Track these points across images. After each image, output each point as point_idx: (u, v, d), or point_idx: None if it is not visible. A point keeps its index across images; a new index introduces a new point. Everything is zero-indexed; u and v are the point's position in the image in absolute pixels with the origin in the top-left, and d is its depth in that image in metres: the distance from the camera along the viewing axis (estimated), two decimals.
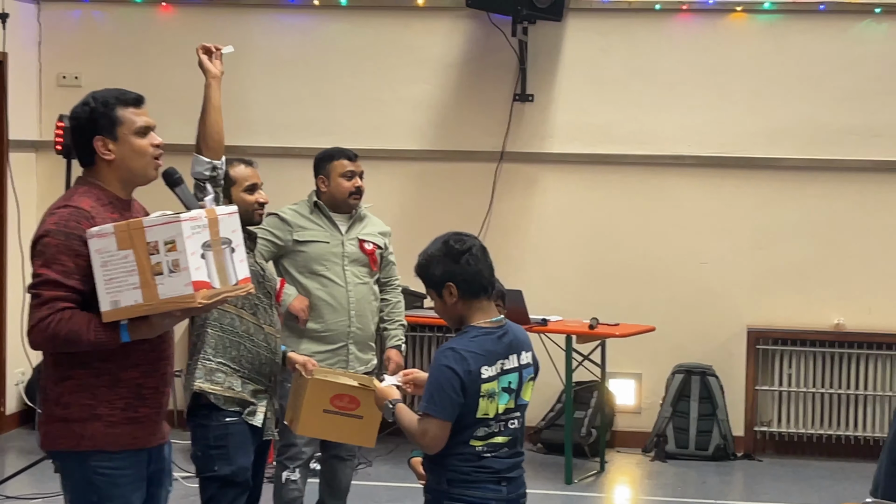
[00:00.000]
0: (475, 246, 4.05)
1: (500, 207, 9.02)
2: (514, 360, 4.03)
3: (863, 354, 8.76)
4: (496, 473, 4.00)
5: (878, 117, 8.70)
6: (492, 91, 9.02)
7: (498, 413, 3.97)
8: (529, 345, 4.13)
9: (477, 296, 4.01)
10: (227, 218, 3.92)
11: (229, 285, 3.87)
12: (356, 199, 6.11)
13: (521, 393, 4.05)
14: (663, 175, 8.95)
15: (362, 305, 6.08)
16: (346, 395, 4.77)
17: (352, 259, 6.05)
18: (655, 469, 8.53)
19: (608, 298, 8.70)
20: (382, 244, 6.22)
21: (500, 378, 3.97)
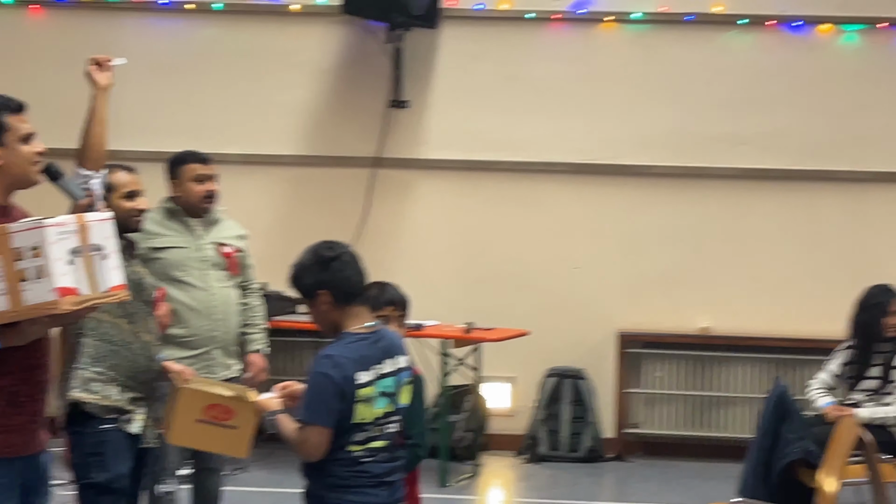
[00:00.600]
0: (345, 253, 4.10)
1: (376, 213, 9.06)
2: (389, 364, 4.08)
3: (729, 357, 8.98)
4: (375, 478, 4.04)
5: (744, 126, 8.93)
6: (367, 97, 9.06)
7: (376, 418, 4.02)
8: (404, 349, 4.18)
9: (349, 302, 4.06)
10: (99, 224, 3.88)
11: (99, 292, 3.84)
12: (209, 203, 5.98)
13: (398, 397, 4.10)
14: (536, 181, 9.07)
15: (226, 309, 6.02)
16: (220, 406, 4.74)
17: (212, 263, 5.97)
18: (529, 471, 8.64)
19: (482, 303, 8.79)
20: (241, 247, 6.16)
21: (376, 383, 4.01)
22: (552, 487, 8.24)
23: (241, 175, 8.89)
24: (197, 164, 6.01)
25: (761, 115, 8.92)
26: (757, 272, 8.97)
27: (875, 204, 8.91)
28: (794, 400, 6.49)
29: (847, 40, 8.89)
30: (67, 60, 8.59)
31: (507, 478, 8.59)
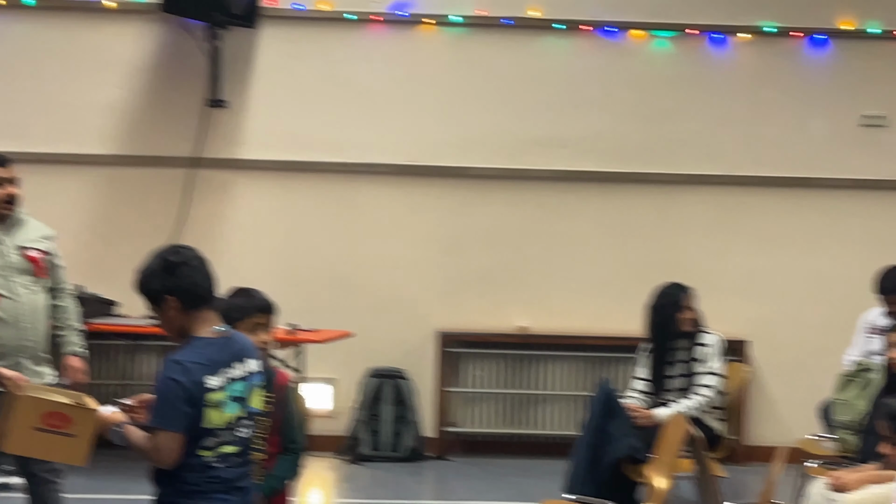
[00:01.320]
0: (193, 257, 4.05)
1: (194, 214, 8.94)
2: (240, 368, 4.04)
3: (546, 356, 9.14)
4: (226, 483, 4.00)
5: (561, 129, 9.10)
6: (184, 96, 8.94)
7: (227, 423, 3.98)
8: (255, 352, 4.15)
9: (197, 306, 4.00)
10: None
11: None
12: (8, 208, 5.71)
13: (249, 401, 4.06)
14: (357, 183, 9.09)
15: (34, 317, 5.82)
16: (58, 413, 4.61)
17: (17, 269, 5.78)
18: (350, 472, 8.65)
19: (304, 304, 8.72)
20: (48, 249, 5.98)
21: (227, 387, 3.98)
22: (374, 487, 8.26)
23: (54, 175, 8.69)
24: None
25: (577, 119, 9.11)
26: (573, 272, 9.17)
27: (685, 205, 9.19)
28: (619, 398, 6.66)
29: (658, 46, 9.15)
30: None
31: (328, 478, 8.57)
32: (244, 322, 4.71)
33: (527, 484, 8.33)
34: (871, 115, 9.11)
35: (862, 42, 9.12)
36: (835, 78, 9.14)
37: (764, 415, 9.18)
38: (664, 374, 7.33)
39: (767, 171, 9.13)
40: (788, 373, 9.16)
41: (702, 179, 9.16)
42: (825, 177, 9.12)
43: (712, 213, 9.19)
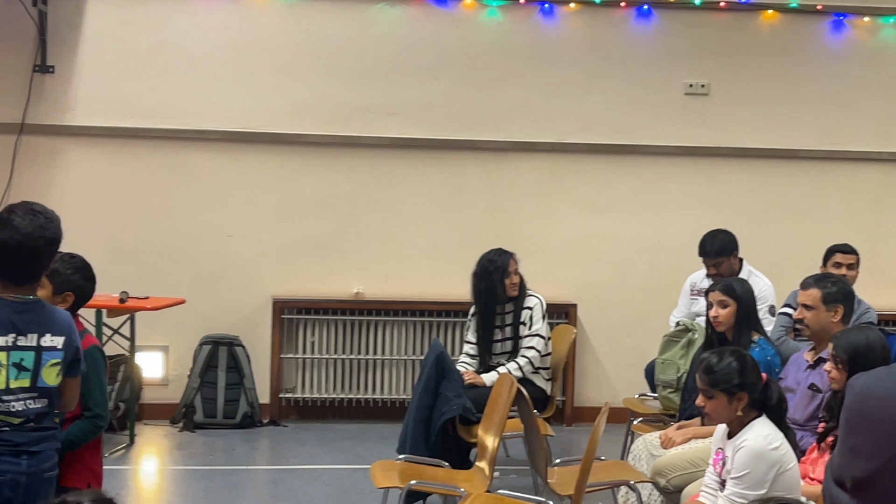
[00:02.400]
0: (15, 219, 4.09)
1: (21, 181, 8.80)
2: (33, 339, 4.07)
3: (380, 321, 9.24)
4: (15, 447, 4.05)
5: (392, 96, 9.17)
6: (10, 61, 8.77)
7: (8, 387, 4.01)
8: (64, 331, 4.18)
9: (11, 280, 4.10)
10: None
11: None
12: None
13: (40, 375, 4.09)
14: (188, 149, 9.04)
15: None
16: None
17: None
18: (185, 439, 8.63)
19: (135, 272, 8.71)
20: None
21: (10, 351, 4.01)
22: (209, 454, 8.26)
23: None
24: None
25: (409, 87, 9.19)
26: (406, 239, 9.27)
27: (514, 171, 9.35)
28: (451, 360, 6.78)
29: (490, 15, 9.26)
30: None
31: (162, 446, 8.53)
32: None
33: (361, 447, 8.44)
34: (694, 83, 9.38)
35: (686, 13, 9.37)
36: (660, 48, 9.38)
37: (590, 376, 9.43)
38: (492, 338, 7.50)
39: (594, 138, 9.34)
40: (614, 335, 9.42)
41: (530, 147, 9.33)
42: (650, 144, 9.37)
43: (541, 180, 9.37)
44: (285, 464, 8.11)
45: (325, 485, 7.49)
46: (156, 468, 8.26)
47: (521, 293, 7.49)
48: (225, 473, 7.77)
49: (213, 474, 7.73)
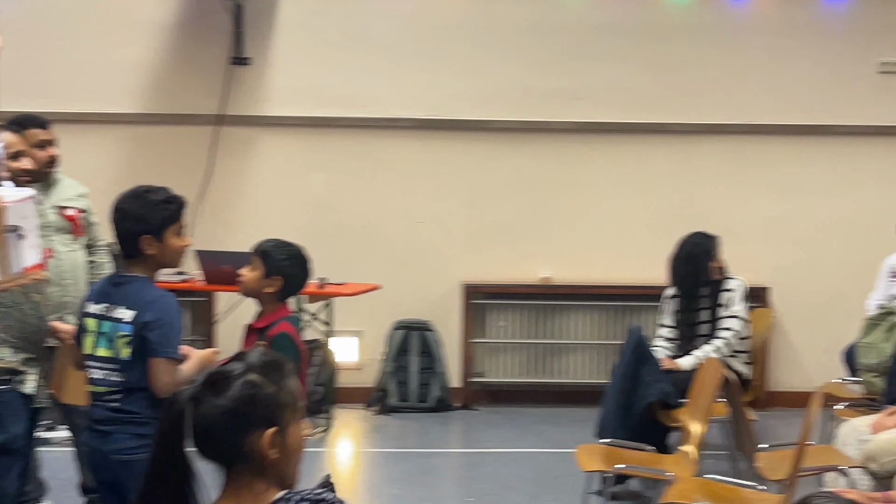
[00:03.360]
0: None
1: (220, 171, 9.04)
2: (115, 311, 4.21)
3: (569, 306, 9.25)
4: (92, 422, 4.25)
5: (579, 81, 9.17)
6: (208, 54, 9.01)
7: (94, 353, 4.20)
8: (138, 306, 4.19)
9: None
10: (17, 205, 3.84)
11: (10, 274, 3.82)
12: (50, 168, 5.75)
13: (116, 347, 4.19)
14: (379, 137, 9.17)
15: (76, 274, 5.93)
16: None
17: (56, 228, 5.88)
18: (379, 423, 8.78)
19: (330, 258, 8.79)
20: (84, 206, 6.08)
21: (100, 320, 4.20)
22: (404, 437, 8.39)
23: (81, 134, 8.73)
24: (37, 129, 5.83)
25: (597, 70, 9.17)
26: (595, 222, 9.26)
27: (704, 154, 9.26)
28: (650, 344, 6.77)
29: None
30: None
31: (358, 430, 8.70)
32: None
33: (554, 432, 8.47)
34: (889, 61, 9.17)
35: None
36: (853, 25, 9.18)
37: (784, 360, 9.30)
38: (692, 321, 7.45)
39: (786, 119, 9.20)
40: (807, 318, 9.27)
41: (721, 129, 9.23)
42: (843, 124, 9.19)
43: (731, 162, 9.27)
44: (480, 447, 8.20)
45: (521, 468, 7.54)
46: (353, 451, 8.43)
47: (722, 276, 7.44)
48: (421, 456, 7.89)
49: (410, 457, 7.86)
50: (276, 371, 2.60)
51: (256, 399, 2.54)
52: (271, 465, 2.55)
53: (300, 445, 2.63)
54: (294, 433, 2.60)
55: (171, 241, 4.21)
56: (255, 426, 2.53)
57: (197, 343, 8.75)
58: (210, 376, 2.58)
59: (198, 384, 2.57)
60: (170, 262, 4.27)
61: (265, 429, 2.53)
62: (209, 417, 2.53)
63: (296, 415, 2.60)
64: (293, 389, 2.61)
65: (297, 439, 2.61)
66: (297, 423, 2.61)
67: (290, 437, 2.58)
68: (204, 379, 2.58)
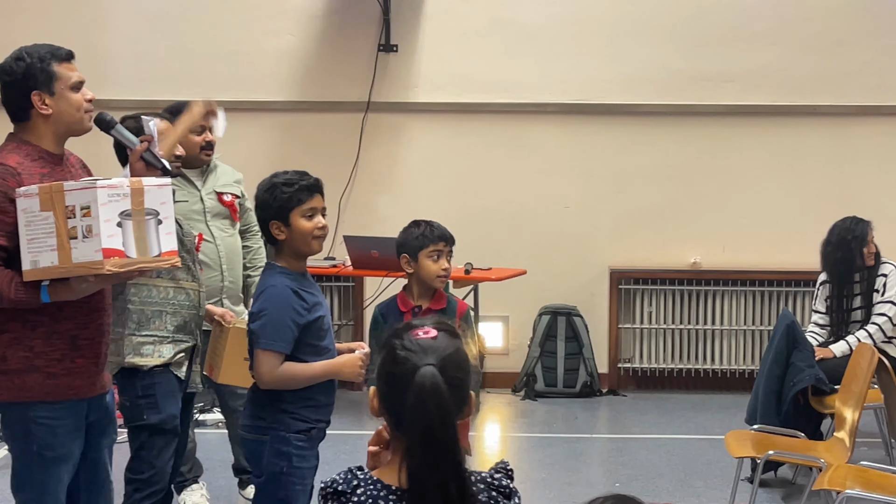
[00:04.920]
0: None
1: (368, 157, 9.14)
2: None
3: (718, 291, 9.16)
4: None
5: (728, 63, 9.05)
6: (356, 42, 9.10)
7: None
8: (255, 296, 4.36)
9: None
10: (155, 189, 3.92)
11: (149, 256, 3.89)
12: (208, 155, 5.93)
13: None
14: (525, 122, 9.17)
15: (232, 258, 6.07)
16: None
17: (214, 213, 5.98)
18: (526, 407, 8.80)
19: (476, 243, 8.85)
20: (239, 192, 6.18)
21: None
22: (550, 422, 8.40)
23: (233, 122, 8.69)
24: None
25: (746, 52, 9.04)
26: (744, 207, 9.14)
27: (858, 137, 9.08)
28: (801, 330, 6.66)
29: None
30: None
31: (505, 414, 8.73)
32: (426, 250, 4.94)
33: (702, 418, 8.40)
34: None
35: None
36: None
37: None
38: (846, 307, 7.31)
39: None
40: None
41: (874, 110, 9.03)
42: None
43: (886, 145, 9.06)
44: (627, 433, 8.15)
45: (670, 454, 7.48)
46: (500, 435, 8.45)
47: (877, 261, 7.28)
48: (569, 441, 7.88)
49: (557, 442, 7.86)
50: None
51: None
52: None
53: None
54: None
55: (298, 224, 4.21)
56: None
57: (345, 327, 8.89)
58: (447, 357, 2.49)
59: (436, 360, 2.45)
60: (303, 246, 4.26)
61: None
62: (457, 382, 2.47)
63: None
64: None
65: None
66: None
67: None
68: (443, 358, 2.47)
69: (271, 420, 4.23)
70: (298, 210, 4.21)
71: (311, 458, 4.30)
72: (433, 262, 5.02)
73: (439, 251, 5.02)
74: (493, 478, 2.54)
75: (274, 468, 4.22)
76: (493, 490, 2.52)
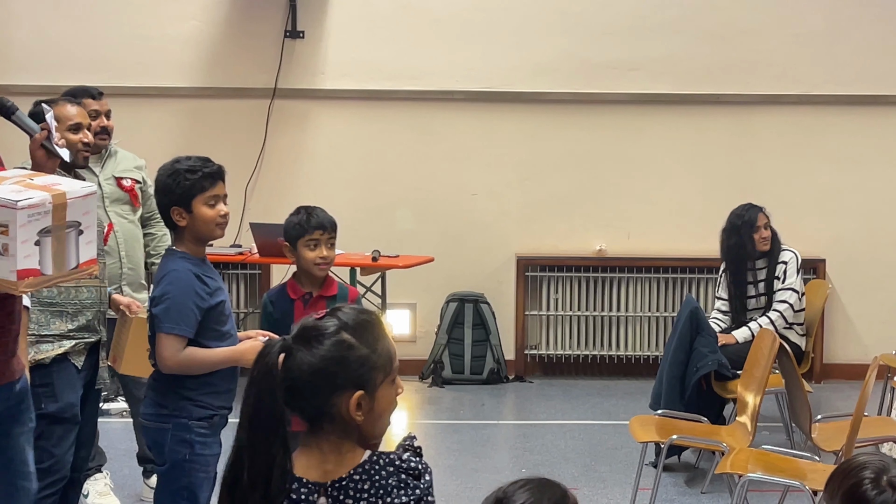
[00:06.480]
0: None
1: (274, 144, 9.09)
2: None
3: (623, 278, 9.24)
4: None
5: (634, 52, 9.12)
6: (262, 27, 9.04)
7: None
8: (156, 280, 4.39)
9: None
10: (80, 202, 3.82)
11: (65, 271, 3.82)
12: (103, 139, 5.87)
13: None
14: (433, 109, 9.17)
15: (131, 244, 6.01)
16: None
17: (112, 199, 5.93)
18: (433, 394, 8.82)
19: (384, 231, 8.89)
20: (140, 178, 6.12)
21: None
22: (458, 409, 8.42)
23: (138, 108, 8.84)
24: (89, 99, 5.87)
25: (651, 41, 9.11)
26: (649, 194, 9.22)
27: (761, 126, 9.20)
28: (705, 315, 6.75)
29: None
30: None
31: (412, 401, 8.73)
32: (303, 238, 4.94)
33: (608, 403, 8.48)
34: None
35: None
36: None
37: (840, 332, 9.24)
38: (744, 294, 7.41)
39: (843, 89, 9.11)
40: (864, 290, 9.20)
41: (776, 99, 9.15)
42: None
43: (788, 133, 9.19)
44: (534, 419, 8.21)
45: (576, 439, 7.55)
46: (407, 422, 8.46)
47: (775, 248, 7.38)
48: (475, 427, 7.92)
49: (464, 428, 7.89)
50: (371, 331, 2.55)
51: (347, 360, 2.49)
52: (358, 426, 2.50)
53: (390, 407, 2.58)
54: (384, 395, 2.55)
55: (201, 212, 4.21)
56: (343, 388, 2.48)
57: (251, 315, 8.84)
58: (304, 330, 2.53)
59: (291, 336, 2.52)
60: (205, 233, 4.25)
61: (353, 391, 2.48)
62: (297, 373, 2.48)
63: (388, 376, 2.55)
64: (388, 350, 2.56)
65: (386, 401, 2.56)
66: (389, 384, 2.56)
67: (380, 400, 2.53)
68: (297, 331, 2.52)
69: (173, 408, 4.21)
70: (202, 197, 4.20)
71: (213, 445, 4.28)
72: (310, 250, 5.02)
73: (315, 240, 5.02)
74: (401, 460, 2.54)
75: (176, 456, 4.19)
76: (401, 473, 2.52)
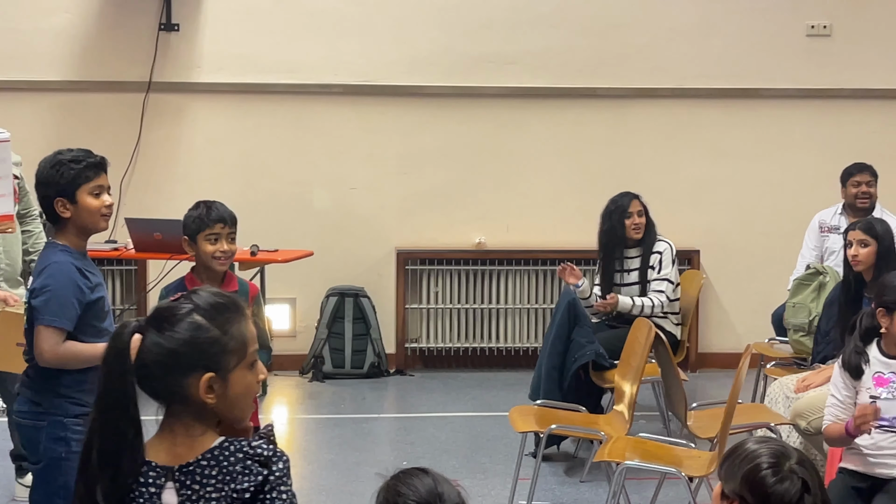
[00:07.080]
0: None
1: (150, 138, 8.97)
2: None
3: (502, 270, 9.29)
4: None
5: (511, 46, 9.17)
6: (136, 20, 8.91)
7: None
8: (35, 273, 4.26)
9: None
10: None
11: None
12: None
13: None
14: (311, 103, 9.13)
15: (9, 241, 5.90)
16: None
17: None
18: (314, 389, 8.79)
19: (262, 225, 8.79)
20: (16, 174, 6.02)
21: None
22: (338, 403, 8.41)
23: (9, 102, 8.67)
24: None
25: (527, 35, 9.17)
26: (527, 187, 9.28)
27: (635, 118, 9.31)
28: (582, 306, 6.82)
29: None
30: None
31: (293, 396, 8.70)
32: (203, 232, 4.90)
33: (488, 395, 8.53)
34: (816, 24, 9.26)
35: None
36: None
37: (714, 322, 9.40)
38: (618, 282, 7.48)
39: (715, 82, 9.26)
40: (737, 280, 9.37)
41: (649, 92, 9.27)
42: (772, 87, 9.28)
43: (662, 126, 9.32)
44: (414, 411, 8.23)
45: (457, 431, 7.58)
46: (288, 417, 8.42)
47: (650, 237, 7.47)
48: (357, 421, 7.92)
49: (345, 422, 7.88)
50: (225, 314, 2.54)
51: (197, 342, 2.49)
52: (210, 409, 2.50)
53: (247, 392, 2.56)
54: (239, 379, 2.53)
55: (86, 202, 4.15)
56: (193, 370, 2.48)
57: (127, 311, 8.72)
58: (157, 311, 2.53)
59: (145, 318, 2.52)
60: (90, 224, 4.20)
61: (203, 373, 2.48)
62: (149, 354, 2.49)
63: (243, 360, 2.53)
64: (242, 334, 2.54)
65: (242, 385, 2.54)
66: (246, 369, 2.54)
67: (234, 384, 2.52)
68: (151, 313, 2.53)
69: (48, 405, 4.14)
70: (86, 188, 4.14)
71: None
72: (210, 244, 4.98)
73: (216, 234, 4.98)
74: (250, 446, 2.52)
75: (52, 454, 4.13)
76: (248, 459, 2.50)
